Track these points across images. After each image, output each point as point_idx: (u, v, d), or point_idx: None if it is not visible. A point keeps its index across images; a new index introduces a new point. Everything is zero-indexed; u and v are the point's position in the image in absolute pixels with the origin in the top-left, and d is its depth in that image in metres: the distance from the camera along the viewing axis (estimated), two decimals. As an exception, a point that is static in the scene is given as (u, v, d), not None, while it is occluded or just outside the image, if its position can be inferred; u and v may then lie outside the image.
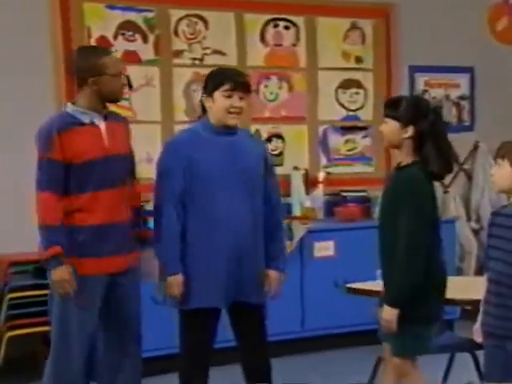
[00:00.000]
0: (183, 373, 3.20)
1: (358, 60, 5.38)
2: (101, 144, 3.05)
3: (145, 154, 4.77)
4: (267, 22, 5.14)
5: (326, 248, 4.72)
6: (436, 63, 5.55)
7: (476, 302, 2.87)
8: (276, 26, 5.17)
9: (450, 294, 3.12)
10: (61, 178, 2.99)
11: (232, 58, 5.02)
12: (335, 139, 5.36)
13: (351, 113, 5.39)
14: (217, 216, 3.12)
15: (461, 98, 5.74)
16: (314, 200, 5.08)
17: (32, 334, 4.17)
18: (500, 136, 3.16)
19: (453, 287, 3.01)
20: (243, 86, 3.16)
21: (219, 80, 3.14)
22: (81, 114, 3.05)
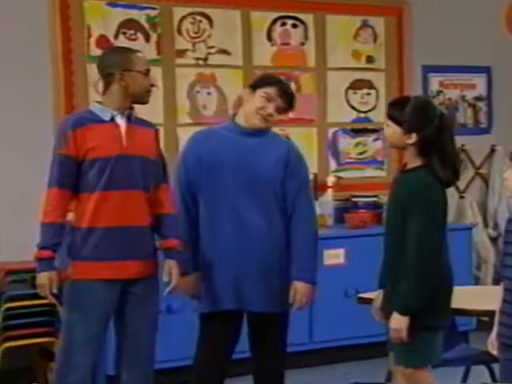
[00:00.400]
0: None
1: (369, 59, 5.38)
2: (118, 143, 3.08)
3: (147, 158, 4.80)
4: (274, 20, 5.15)
5: (335, 256, 4.72)
6: (451, 63, 5.56)
7: (493, 313, 2.87)
8: (283, 24, 5.18)
9: (466, 303, 3.12)
10: (72, 176, 3.03)
11: (238, 57, 5.03)
12: (345, 142, 5.36)
13: (362, 115, 5.40)
14: (221, 219, 3.18)
15: (477, 99, 5.74)
16: (324, 206, 5.08)
17: (29, 346, 4.18)
18: (518, 139, 3.17)
19: (469, 297, 3.01)
20: (287, 98, 3.24)
21: (269, 81, 3.26)
22: (102, 111, 3.10)
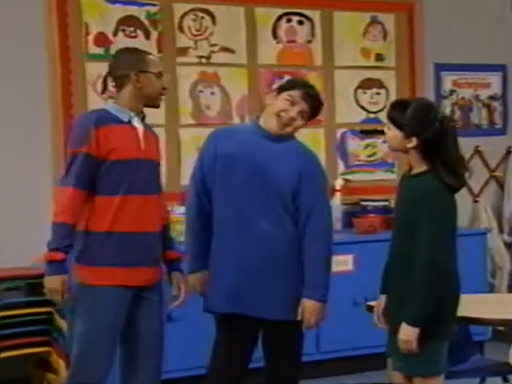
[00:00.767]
0: None
1: (379, 58, 5.38)
2: (137, 145, 3.11)
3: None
4: (280, 17, 5.15)
5: (343, 262, 4.71)
6: (464, 61, 5.55)
7: (509, 322, 2.86)
8: (289, 20, 5.18)
9: (481, 312, 3.12)
10: (91, 176, 3.02)
11: (241, 55, 5.03)
12: (354, 144, 5.36)
13: (371, 115, 5.40)
14: (227, 221, 3.20)
15: (492, 98, 5.73)
16: (332, 210, 5.07)
17: (26, 356, 4.18)
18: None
19: (483, 305, 3.01)
20: (312, 102, 3.22)
21: (294, 84, 3.27)
22: (119, 111, 3.11)
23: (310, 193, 3.20)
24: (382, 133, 5.26)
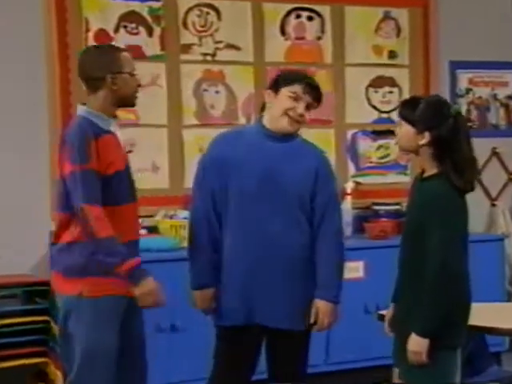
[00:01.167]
0: None
1: (392, 55, 5.38)
2: (123, 153, 3.12)
3: (149, 163, 4.80)
4: (288, 12, 5.15)
5: (354, 269, 4.71)
6: (481, 58, 5.54)
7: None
8: (298, 16, 5.19)
9: (498, 322, 3.10)
10: (100, 191, 2.99)
11: (248, 53, 5.04)
12: (365, 145, 5.36)
13: (384, 115, 5.39)
14: (245, 231, 3.19)
15: (510, 97, 5.72)
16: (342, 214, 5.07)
17: (22, 367, 4.18)
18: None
19: (501, 314, 3.00)
20: (315, 94, 3.23)
21: (292, 78, 3.23)
22: (100, 119, 3.06)
23: (325, 194, 3.25)
24: (394, 133, 5.30)
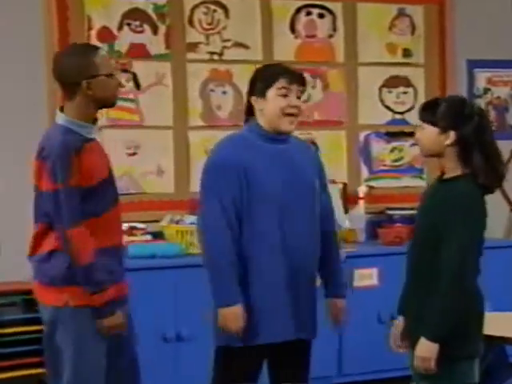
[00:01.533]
0: None
1: (407, 53, 5.38)
2: (106, 159, 3.12)
3: (155, 166, 4.82)
4: (298, 9, 5.16)
5: (368, 276, 4.71)
6: (500, 56, 5.54)
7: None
8: (309, 13, 5.19)
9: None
10: (79, 206, 3.00)
11: (257, 51, 5.04)
12: (379, 147, 5.36)
13: (398, 116, 5.39)
14: (275, 239, 3.16)
15: (530, 97, 5.72)
16: (354, 220, 5.08)
17: (23, 378, 4.19)
18: None
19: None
20: (300, 81, 3.21)
21: (272, 75, 3.19)
22: (81, 127, 3.06)
23: (327, 187, 3.33)
24: (409, 135, 5.31)
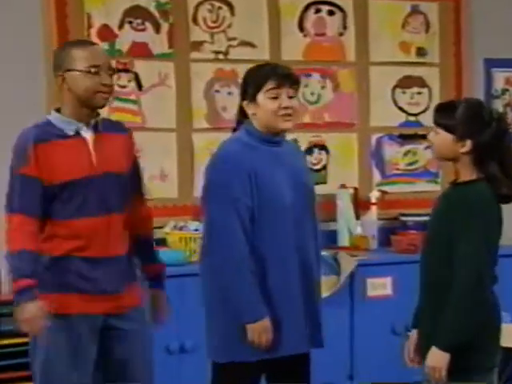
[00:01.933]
0: None
1: (421, 52, 5.38)
2: (86, 160, 3.09)
3: (157, 170, 4.82)
4: (307, 6, 5.16)
5: (381, 286, 4.70)
6: (519, 56, 5.54)
7: None
8: (318, 10, 5.19)
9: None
10: (37, 199, 3.05)
11: (264, 50, 5.04)
12: (392, 150, 5.36)
13: (412, 118, 5.39)
14: (288, 246, 3.17)
15: (550, 98, 5.72)
16: (366, 226, 5.08)
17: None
18: None
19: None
20: (291, 80, 3.20)
21: (260, 78, 3.19)
22: (64, 123, 3.10)
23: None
24: (423, 137, 5.29)
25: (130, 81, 4.79)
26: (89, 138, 3.12)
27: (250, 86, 3.21)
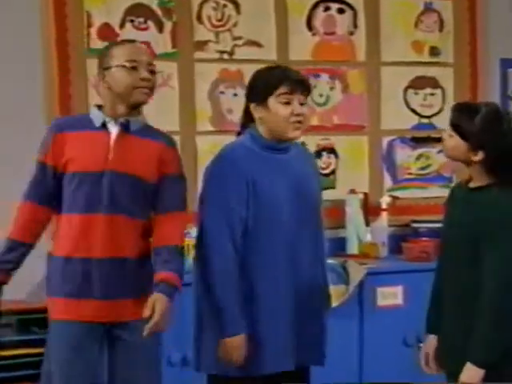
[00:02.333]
0: None
1: (434, 52, 5.39)
2: (102, 154, 3.13)
3: (159, 174, 4.84)
4: (316, 4, 5.17)
5: (392, 295, 4.71)
6: (536, 55, 5.55)
7: None
8: (327, 8, 5.21)
9: None
10: (45, 188, 3.17)
11: (270, 50, 5.06)
12: (404, 154, 5.37)
13: (424, 120, 5.40)
14: (282, 258, 3.19)
15: None
16: (376, 233, 5.09)
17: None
18: None
19: None
20: (303, 87, 3.22)
21: (273, 81, 3.19)
22: (96, 116, 3.18)
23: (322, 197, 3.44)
24: (436, 141, 5.30)
25: (132, 82, 4.81)
26: (114, 133, 3.17)
27: (260, 89, 3.22)
